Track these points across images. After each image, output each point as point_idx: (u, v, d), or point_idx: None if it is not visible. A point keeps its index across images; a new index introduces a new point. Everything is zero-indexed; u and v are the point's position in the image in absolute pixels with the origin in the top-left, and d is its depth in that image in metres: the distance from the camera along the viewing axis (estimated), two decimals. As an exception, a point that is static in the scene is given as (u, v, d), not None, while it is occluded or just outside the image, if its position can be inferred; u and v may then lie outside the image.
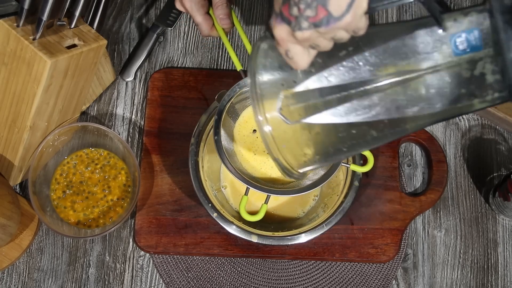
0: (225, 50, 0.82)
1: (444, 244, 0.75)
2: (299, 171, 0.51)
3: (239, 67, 0.63)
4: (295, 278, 0.73)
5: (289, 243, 0.66)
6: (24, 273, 0.72)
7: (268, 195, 0.61)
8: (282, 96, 0.46)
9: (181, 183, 0.74)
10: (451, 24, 0.39)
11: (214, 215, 0.65)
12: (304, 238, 0.66)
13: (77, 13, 0.64)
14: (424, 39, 0.40)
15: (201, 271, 0.73)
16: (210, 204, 0.65)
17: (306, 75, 0.45)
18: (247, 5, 0.85)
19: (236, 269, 0.74)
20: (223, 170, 0.74)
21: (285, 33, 0.40)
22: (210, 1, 0.61)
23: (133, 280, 0.73)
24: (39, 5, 0.60)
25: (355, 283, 0.73)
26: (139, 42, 0.81)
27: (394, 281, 0.74)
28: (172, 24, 0.82)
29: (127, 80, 0.80)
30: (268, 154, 0.49)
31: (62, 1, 0.62)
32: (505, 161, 0.79)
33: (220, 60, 0.82)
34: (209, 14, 0.61)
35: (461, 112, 0.41)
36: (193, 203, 0.73)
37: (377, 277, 0.74)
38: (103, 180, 0.73)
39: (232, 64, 0.82)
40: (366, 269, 0.74)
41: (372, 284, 0.73)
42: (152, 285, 0.73)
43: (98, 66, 0.71)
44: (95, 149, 0.75)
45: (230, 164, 0.61)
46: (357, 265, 0.74)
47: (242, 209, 0.61)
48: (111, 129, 0.75)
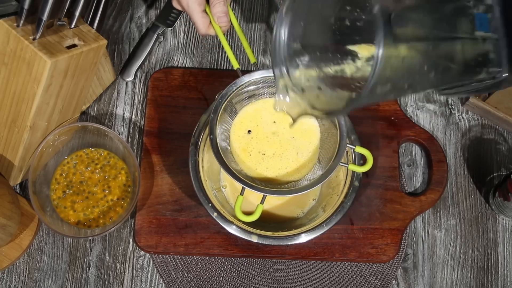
0: (225, 50, 0.82)
1: (444, 244, 0.75)
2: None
3: (236, 65, 0.63)
4: (295, 278, 0.73)
5: (289, 243, 0.66)
6: (24, 273, 0.72)
7: (264, 195, 0.61)
8: None
9: (181, 183, 0.74)
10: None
11: (214, 215, 0.65)
12: (304, 238, 0.65)
13: (77, 13, 0.64)
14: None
15: (201, 271, 0.73)
16: (210, 204, 0.65)
17: None
18: (247, 5, 0.85)
19: (236, 269, 0.73)
20: (222, 170, 0.74)
21: None
22: None
23: (133, 280, 0.73)
24: (39, 5, 0.60)
25: (355, 283, 0.73)
26: (139, 42, 0.81)
27: (394, 281, 0.74)
28: (172, 24, 0.82)
29: (127, 80, 0.80)
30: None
31: (62, 1, 0.62)
32: (505, 161, 0.79)
33: (220, 60, 0.82)
34: (206, 12, 0.61)
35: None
36: (193, 203, 0.73)
37: (377, 277, 0.74)
38: (103, 180, 0.73)
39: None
40: (366, 269, 0.74)
41: (372, 284, 0.73)
42: (152, 285, 0.73)
43: (98, 66, 0.71)
44: (95, 149, 0.75)
45: (225, 163, 0.61)
46: (357, 265, 0.74)
47: (237, 209, 0.60)
48: (111, 129, 0.75)
